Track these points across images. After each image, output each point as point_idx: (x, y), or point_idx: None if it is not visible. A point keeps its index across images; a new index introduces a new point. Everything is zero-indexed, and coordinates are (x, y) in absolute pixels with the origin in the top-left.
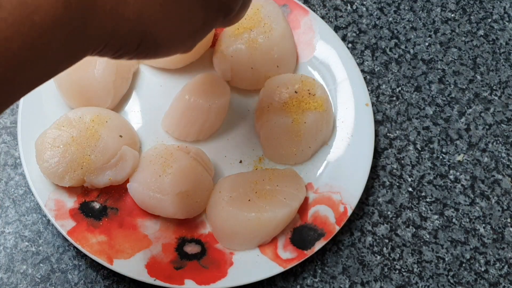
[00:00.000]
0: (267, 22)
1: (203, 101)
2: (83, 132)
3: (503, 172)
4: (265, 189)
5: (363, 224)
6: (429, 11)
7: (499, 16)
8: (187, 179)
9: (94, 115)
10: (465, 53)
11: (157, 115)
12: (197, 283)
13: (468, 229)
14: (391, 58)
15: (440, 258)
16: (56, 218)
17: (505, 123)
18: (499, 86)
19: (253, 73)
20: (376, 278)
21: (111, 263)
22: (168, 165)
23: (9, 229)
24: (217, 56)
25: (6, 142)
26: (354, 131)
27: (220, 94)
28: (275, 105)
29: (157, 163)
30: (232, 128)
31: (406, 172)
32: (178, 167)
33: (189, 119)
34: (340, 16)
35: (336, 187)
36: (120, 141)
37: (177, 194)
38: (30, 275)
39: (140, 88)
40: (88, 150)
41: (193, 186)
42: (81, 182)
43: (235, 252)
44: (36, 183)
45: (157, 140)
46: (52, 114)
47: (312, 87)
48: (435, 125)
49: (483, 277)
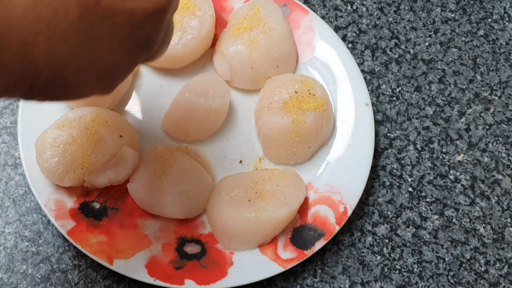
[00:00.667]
0: (267, 22)
1: (203, 100)
2: (83, 132)
3: (503, 172)
4: (265, 189)
5: (363, 224)
6: (429, 11)
7: (499, 16)
8: (187, 179)
9: (95, 115)
10: (465, 53)
11: (157, 115)
12: (197, 283)
13: (468, 229)
14: (391, 58)
15: (440, 258)
16: (56, 218)
17: (505, 123)
18: (499, 86)
19: (253, 73)
20: (376, 278)
21: (111, 263)
22: (168, 165)
23: (9, 229)
24: (217, 56)
25: (6, 142)
26: (354, 131)
27: (220, 94)
28: (275, 105)
29: (157, 163)
30: (232, 128)
31: (406, 172)
32: (178, 167)
33: (189, 119)
34: (340, 16)
35: (336, 187)
36: (120, 141)
37: (177, 194)
38: (30, 275)
39: (140, 88)
40: (88, 150)
41: (193, 186)
42: (81, 182)
43: (235, 252)
44: (36, 183)
45: (157, 140)
46: (52, 114)
47: (312, 87)
48: (435, 125)
49: (483, 277)
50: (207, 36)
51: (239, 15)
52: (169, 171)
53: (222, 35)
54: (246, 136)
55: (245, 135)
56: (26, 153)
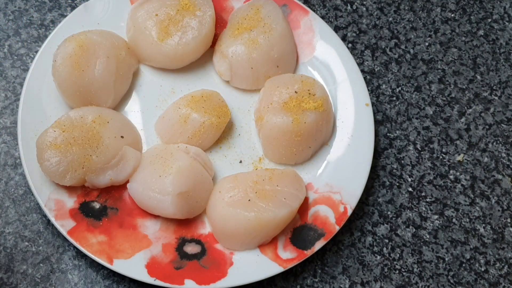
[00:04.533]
0: (267, 22)
1: (198, 116)
2: (84, 133)
3: (503, 172)
4: (265, 189)
5: (363, 224)
6: (429, 11)
7: (499, 16)
8: (187, 179)
9: (96, 115)
10: (465, 53)
11: (157, 115)
12: (197, 283)
13: (468, 229)
14: (391, 58)
15: (440, 258)
16: (56, 218)
17: (505, 123)
18: (499, 86)
19: (253, 73)
20: (376, 278)
21: (111, 263)
22: (168, 165)
23: (9, 229)
24: (217, 56)
25: (6, 142)
26: (354, 131)
27: (218, 115)
28: (275, 105)
29: (157, 163)
30: (232, 128)
31: (406, 172)
32: (178, 167)
33: (178, 128)
34: (340, 16)
35: (336, 187)
36: (121, 141)
37: (177, 194)
38: (30, 275)
39: (140, 88)
40: (89, 150)
41: (193, 186)
42: (82, 181)
43: (235, 252)
44: (36, 183)
45: (157, 140)
46: (52, 114)
47: (312, 87)
48: (435, 125)
49: (483, 277)
50: (207, 36)
51: (239, 15)
52: (169, 171)
53: (222, 35)
54: (246, 136)
55: (245, 135)
56: (26, 153)
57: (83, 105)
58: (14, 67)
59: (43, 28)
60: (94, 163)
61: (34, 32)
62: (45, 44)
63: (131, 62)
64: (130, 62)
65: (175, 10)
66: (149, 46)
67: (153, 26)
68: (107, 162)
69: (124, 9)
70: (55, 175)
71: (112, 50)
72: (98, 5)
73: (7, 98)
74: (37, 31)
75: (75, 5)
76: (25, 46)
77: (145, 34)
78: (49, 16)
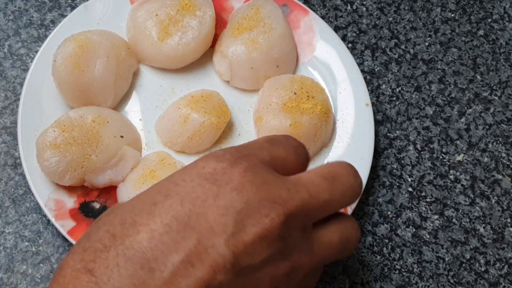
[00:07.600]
0: (267, 22)
1: (198, 116)
2: (84, 132)
3: (503, 172)
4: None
5: (363, 224)
6: (429, 11)
7: (499, 16)
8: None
9: (96, 115)
10: (465, 53)
11: (157, 115)
12: None
13: (468, 229)
14: (391, 58)
15: (440, 258)
16: (56, 218)
17: (505, 123)
18: (499, 86)
19: (253, 73)
20: (376, 278)
21: None
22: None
23: (9, 229)
24: (217, 56)
25: (6, 142)
26: (354, 131)
27: (218, 115)
28: (274, 107)
29: (150, 166)
30: (232, 128)
31: (406, 172)
32: (169, 171)
33: (178, 128)
34: (340, 16)
35: None
36: (121, 141)
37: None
38: (30, 275)
39: (140, 88)
40: (89, 150)
41: None
42: (82, 181)
43: None
44: (36, 183)
45: (157, 140)
46: (52, 114)
47: (311, 89)
48: (435, 125)
49: (483, 277)
50: (207, 36)
51: (239, 15)
52: (160, 175)
53: (222, 35)
54: (246, 136)
55: (245, 135)
56: (26, 153)
57: (83, 105)
58: (14, 67)
59: (43, 28)
60: (93, 163)
61: (34, 32)
62: (45, 44)
63: (131, 62)
64: (130, 62)
65: (175, 10)
66: (149, 46)
67: (153, 26)
68: (106, 162)
69: (124, 9)
70: (54, 175)
71: (112, 50)
72: (98, 5)
73: (7, 98)
74: (37, 31)
75: (75, 5)
76: (25, 46)
77: (145, 34)
78: (49, 16)
